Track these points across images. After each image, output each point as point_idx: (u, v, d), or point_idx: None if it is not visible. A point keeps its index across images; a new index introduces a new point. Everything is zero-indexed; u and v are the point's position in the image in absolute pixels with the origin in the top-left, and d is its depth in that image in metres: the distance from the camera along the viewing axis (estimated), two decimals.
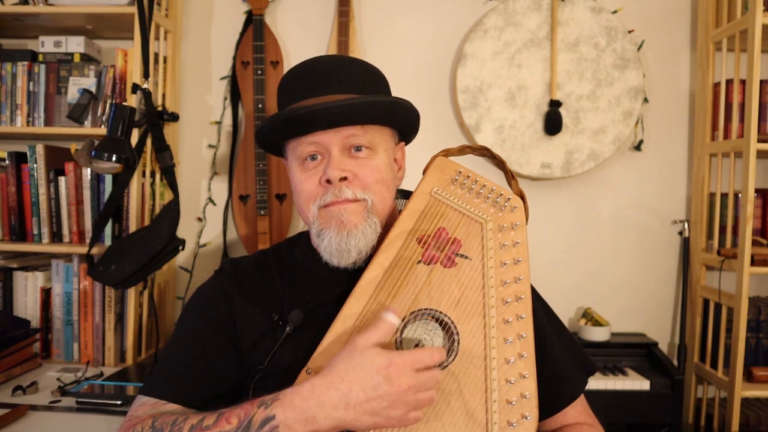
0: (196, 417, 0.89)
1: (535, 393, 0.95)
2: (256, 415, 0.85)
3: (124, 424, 0.96)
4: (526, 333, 0.98)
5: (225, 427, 0.86)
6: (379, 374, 0.83)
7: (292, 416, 0.84)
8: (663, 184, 2.34)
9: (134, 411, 0.99)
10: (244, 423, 0.85)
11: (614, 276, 2.35)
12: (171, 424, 0.89)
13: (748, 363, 2.05)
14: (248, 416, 0.85)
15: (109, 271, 1.91)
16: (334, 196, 1.02)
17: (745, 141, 1.95)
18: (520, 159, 2.21)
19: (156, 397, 1.00)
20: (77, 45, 2.14)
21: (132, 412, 0.99)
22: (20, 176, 2.13)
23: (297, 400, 0.85)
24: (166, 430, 0.89)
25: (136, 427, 0.92)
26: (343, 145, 1.03)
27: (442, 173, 1.09)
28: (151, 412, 0.97)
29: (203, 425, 0.87)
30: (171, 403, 0.99)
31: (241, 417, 0.86)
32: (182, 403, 0.99)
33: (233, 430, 0.85)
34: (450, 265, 1.02)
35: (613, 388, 2.00)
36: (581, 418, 1.12)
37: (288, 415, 0.84)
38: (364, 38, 2.34)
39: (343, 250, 1.02)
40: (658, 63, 2.32)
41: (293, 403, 0.84)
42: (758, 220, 2.21)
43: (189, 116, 2.37)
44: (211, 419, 0.88)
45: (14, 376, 1.85)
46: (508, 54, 2.21)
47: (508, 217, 1.06)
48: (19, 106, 2.12)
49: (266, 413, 0.85)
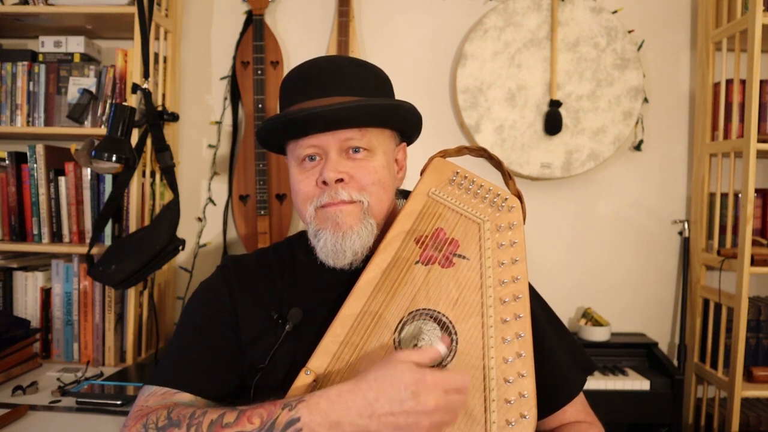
0: (215, 412, 0.88)
1: (533, 392, 0.95)
2: (280, 416, 0.84)
3: (133, 414, 0.94)
4: (525, 332, 0.98)
5: (247, 427, 0.85)
6: (407, 389, 0.82)
7: (317, 419, 0.83)
8: (663, 184, 2.34)
9: (144, 401, 0.97)
10: (267, 424, 0.84)
11: (614, 276, 2.35)
12: (189, 417, 0.88)
13: (748, 363, 2.05)
14: (272, 417, 0.84)
15: (109, 271, 1.91)
16: (330, 198, 1.02)
17: (745, 141, 1.95)
18: (520, 159, 2.21)
19: (167, 386, 0.99)
20: (77, 45, 2.14)
21: (141, 402, 0.97)
22: (20, 176, 2.13)
23: (323, 403, 0.84)
24: (184, 422, 0.87)
25: (150, 416, 0.91)
26: (340, 147, 1.03)
27: (439, 174, 1.09)
28: (163, 402, 0.95)
29: (223, 422, 0.86)
30: (182, 393, 0.98)
31: (264, 417, 0.85)
32: (194, 392, 0.98)
33: (256, 430, 0.84)
34: (448, 265, 1.02)
35: (613, 388, 2.00)
36: (580, 416, 1.12)
37: (313, 418, 0.83)
38: (364, 38, 2.34)
39: (338, 251, 1.02)
40: (658, 63, 2.32)
41: (319, 406, 0.84)
42: (758, 220, 2.21)
43: (189, 116, 2.37)
44: (232, 416, 0.86)
45: (14, 376, 1.85)
46: (508, 54, 2.21)
47: (505, 217, 1.06)
48: (19, 106, 2.12)
49: (291, 415, 0.84)
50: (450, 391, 0.85)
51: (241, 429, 0.85)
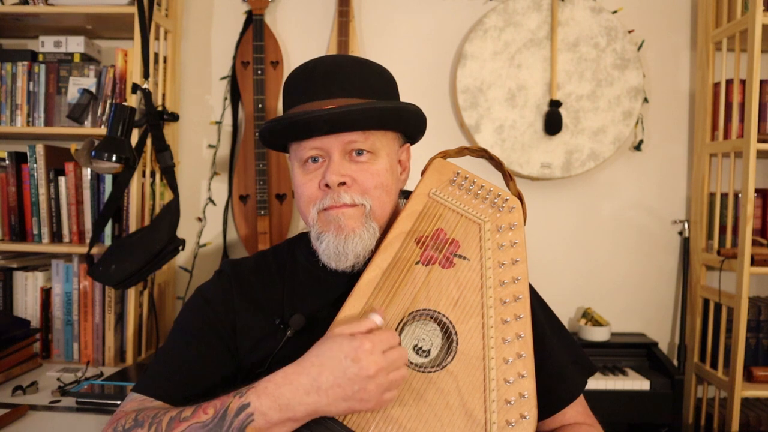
0: (175, 410, 0.91)
1: (533, 393, 0.95)
2: (232, 404, 0.87)
3: (111, 419, 0.98)
4: (525, 333, 0.98)
5: (201, 417, 0.87)
6: (347, 358, 0.85)
7: (266, 403, 0.85)
8: (663, 184, 2.34)
9: (123, 407, 1.00)
10: (220, 412, 0.87)
11: (614, 276, 2.35)
12: (152, 417, 0.91)
13: (748, 363, 2.05)
14: (224, 405, 0.87)
15: (109, 271, 1.91)
16: (332, 201, 1.02)
17: (745, 141, 1.95)
18: (520, 159, 2.21)
19: (144, 394, 1.01)
20: (77, 45, 2.14)
21: (120, 408, 1.00)
22: (20, 176, 2.13)
23: (271, 387, 0.86)
24: (146, 422, 0.90)
25: (120, 420, 0.94)
26: (343, 149, 1.03)
27: (439, 175, 1.10)
28: (137, 407, 0.98)
29: (181, 417, 0.89)
30: (157, 401, 1.00)
31: (217, 407, 0.87)
32: (168, 401, 1.00)
33: (209, 420, 0.87)
34: (448, 265, 1.02)
35: (613, 388, 2.00)
36: (580, 418, 1.12)
37: (263, 402, 0.85)
38: (364, 38, 2.34)
39: (340, 254, 1.03)
40: (658, 63, 2.32)
41: (267, 390, 0.86)
42: (758, 220, 2.21)
43: (189, 116, 2.37)
44: (189, 411, 0.89)
45: (14, 376, 1.85)
46: (508, 54, 2.21)
47: (506, 217, 1.06)
48: (19, 106, 2.12)
49: (241, 401, 0.86)
50: (387, 350, 0.87)
51: (197, 420, 0.88)
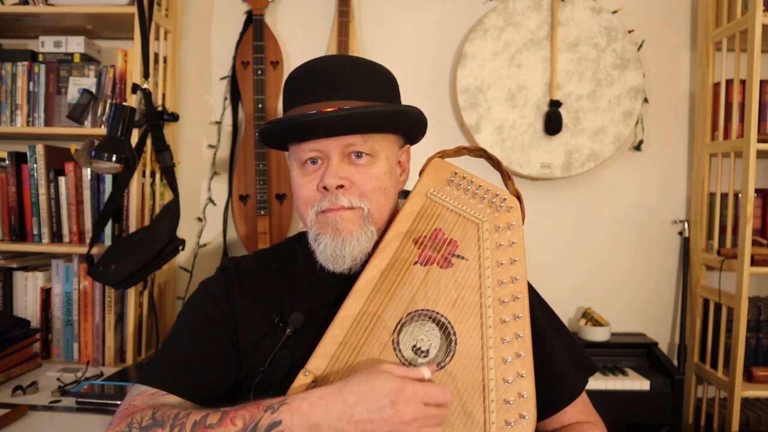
0: (199, 413, 0.88)
1: (533, 392, 0.95)
2: (263, 419, 0.85)
3: (119, 413, 0.94)
4: (524, 332, 0.98)
5: (230, 429, 0.85)
6: (386, 397, 0.83)
7: (298, 422, 0.84)
8: (663, 184, 2.34)
9: (131, 400, 0.97)
10: (250, 426, 0.85)
11: (614, 276, 2.35)
12: (173, 418, 0.88)
13: (748, 363, 2.05)
14: (254, 419, 0.85)
15: (109, 271, 1.91)
16: (330, 203, 1.02)
17: (745, 141, 1.95)
18: (520, 159, 2.21)
19: (155, 387, 0.99)
20: (77, 45, 2.14)
21: (129, 401, 0.97)
22: (20, 176, 2.13)
23: (305, 406, 0.85)
24: (167, 422, 0.88)
25: (135, 416, 0.91)
26: (342, 152, 1.02)
27: (438, 174, 1.10)
28: (150, 402, 0.95)
29: (207, 423, 0.86)
30: (170, 395, 0.98)
31: (246, 419, 0.85)
32: (181, 395, 0.98)
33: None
34: (446, 265, 1.02)
35: (613, 388, 2.00)
36: (582, 416, 1.12)
37: (294, 421, 0.84)
38: (364, 38, 2.34)
39: (337, 256, 1.03)
40: (658, 63, 2.32)
41: (301, 409, 0.84)
42: (758, 220, 2.21)
43: (189, 116, 2.37)
44: (215, 418, 0.87)
45: (14, 376, 1.85)
46: (508, 54, 2.21)
47: (504, 217, 1.06)
48: (19, 106, 2.12)
49: (273, 418, 0.84)
50: (430, 404, 0.85)
51: (224, 430, 0.85)
